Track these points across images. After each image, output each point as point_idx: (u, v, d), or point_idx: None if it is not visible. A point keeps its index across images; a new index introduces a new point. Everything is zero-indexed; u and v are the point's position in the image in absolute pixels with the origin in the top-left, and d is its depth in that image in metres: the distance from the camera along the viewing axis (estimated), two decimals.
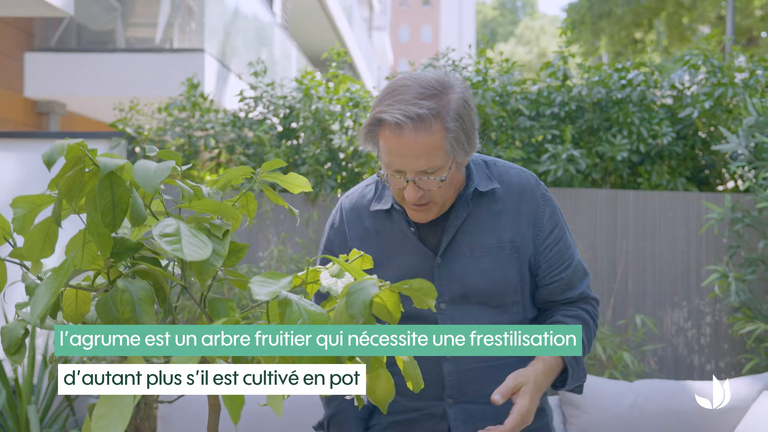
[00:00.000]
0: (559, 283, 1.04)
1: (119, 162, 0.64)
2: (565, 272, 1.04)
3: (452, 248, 1.01)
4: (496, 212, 1.02)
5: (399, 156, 0.93)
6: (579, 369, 1.02)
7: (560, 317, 1.04)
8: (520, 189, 1.03)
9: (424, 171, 0.93)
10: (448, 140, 0.93)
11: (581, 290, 1.06)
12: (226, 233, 0.70)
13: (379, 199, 1.05)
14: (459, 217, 1.00)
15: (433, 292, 0.67)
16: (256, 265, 2.59)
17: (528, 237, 1.02)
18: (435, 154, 0.92)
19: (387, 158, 0.95)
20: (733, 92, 2.54)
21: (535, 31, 27.44)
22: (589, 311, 1.06)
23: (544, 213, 1.03)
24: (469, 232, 1.01)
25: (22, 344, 0.68)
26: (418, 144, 0.91)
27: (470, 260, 1.00)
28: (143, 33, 4.95)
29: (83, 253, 0.67)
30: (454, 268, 1.01)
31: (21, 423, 2.19)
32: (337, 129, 2.67)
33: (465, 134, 0.94)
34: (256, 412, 1.83)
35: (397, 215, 1.03)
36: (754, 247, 2.44)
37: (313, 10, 8.49)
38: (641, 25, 9.81)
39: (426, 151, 0.92)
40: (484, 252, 1.01)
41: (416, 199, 0.95)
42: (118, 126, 2.76)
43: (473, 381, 1.01)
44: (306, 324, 0.62)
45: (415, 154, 0.92)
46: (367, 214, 1.05)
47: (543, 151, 2.61)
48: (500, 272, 1.00)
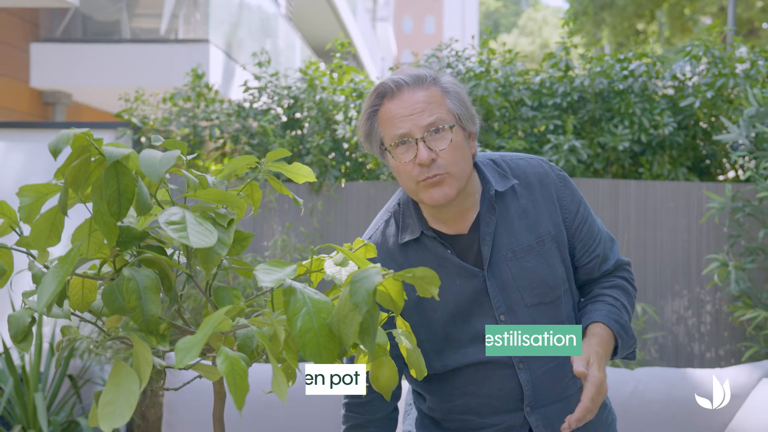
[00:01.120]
0: (596, 260, 1.04)
1: (125, 151, 0.64)
2: (599, 248, 1.04)
3: (495, 257, 0.98)
4: (522, 209, 1.00)
5: (402, 117, 0.93)
6: (628, 337, 1.01)
7: (599, 291, 1.03)
8: (537, 178, 1.02)
9: (430, 125, 0.93)
10: (448, 98, 0.95)
11: (615, 259, 1.05)
12: (231, 222, 0.70)
13: (405, 230, 1.00)
14: (489, 223, 0.99)
15: (436, 280, 0.66)
16: (261, 254, 2.61)
17: (559, 222, 1.02)
18: (437, 106, 0.94)
19: (391, 128, 0.94)
20: (734, 83, 2.53)
21: (537, 22, 27.22)
22: (626, 278, 1.06)
23: (565, 195, 1.02)
24: (505, 236, 0.99)
25: (29, 332, 0.68)
26: (418, 99, 0.93)
27: (516, 264, 0.99)
28: (148, 24, 4.94)
29: (89, 241, 0.67)
30: (503, 276, 0.99)
31: (28, 410, 2.22)
32: (341, 119, 2.67)
33: (465, 99, 0.96)
34: (261, 400, 1.86)
35: (430, 241, 0.99)
36: (754, 236, 2.45)
37: (317, 1, 8.44)
38: (643, 16, 9.74)
39: (428, 104, 0.93)
40: (526, 251, 0.99)
41: (429, 160, 0.92)
42: (123, 116, 2.77)
43: (547, 383, 1.01)
44: (311, 312, 0.62)
45: (418, 110, 0.93)
46: (398, 251, 1.00)
47: (545, 141, 2.61)
48: (546, 267, 1.00)
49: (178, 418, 1.98)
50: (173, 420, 1.98)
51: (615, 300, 1.02)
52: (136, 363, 0.64)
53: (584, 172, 2.66)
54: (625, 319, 1.01)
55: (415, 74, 0.95)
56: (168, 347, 0.67)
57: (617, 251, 1.07)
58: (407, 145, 0.94)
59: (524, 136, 2.69)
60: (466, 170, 0.97)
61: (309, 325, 0.62)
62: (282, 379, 0.64)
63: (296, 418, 1.98)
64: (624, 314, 1.02)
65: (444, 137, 0.93)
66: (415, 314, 0.99)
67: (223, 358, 0.60)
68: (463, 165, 0.96)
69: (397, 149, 0.95)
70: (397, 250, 1.01)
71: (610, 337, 0.99)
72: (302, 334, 0.62)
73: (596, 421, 1.03)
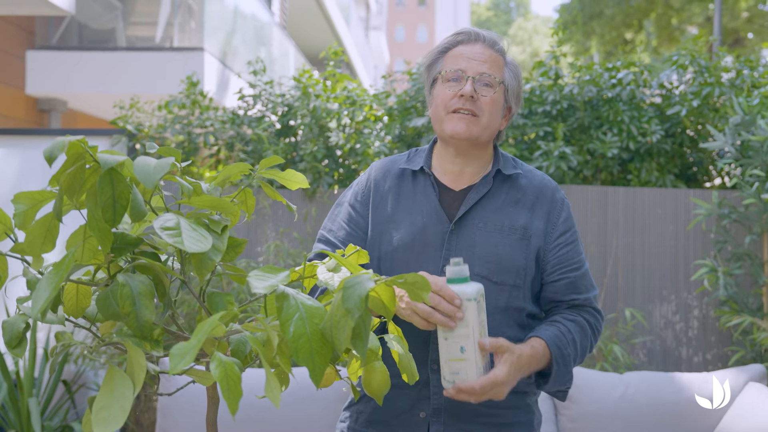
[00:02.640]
0: (565, 282, 1.05)
1: (119, 158, 0.64)
2: (573, 273, 1.05)
3: (467, 218, 1.04)
4: (514, 199, 1.06)
5: (467, 59, 1.05)
6: (565, 371, 1.01)
7: (559, 318, 1.04)
8: (541, 187, 1.08)
9: (485, 73, 1.04)
10: (507, 69, 1.07)
11: (587, 297, 1.06)
12: (225, 228, 0.70)
13: (410, 162, 1.10)
14: (479, 192, 1.06)
15: (428, 286, 0.67)
16: (255, 259, 2.62)
17: (540, 230, 1.05)
18: (497, 67, 1.06)
19: (453, 62, 1.05)
20: (720, 91, 2.57)
21: (528, 31, 27.49)
22: (590, 321, 1.05)
23: (560, 215, 1.07)
24: (486, 209, 1.05)
25: (23, 338, 0.67)
26: (487, 54, 1.06)
27: (482, 233, 1.04)
28: (144, 32, 4.96)
29: (84, 248, 0.67)
30: (465, 237, 1.04)
31: (22, 415, 2.21)
32: (335, 126, 2.69)
33: (516, 81, 1.08)
34: (254, 404, 1.86)
35: (424, 177, 1.08)
36: (740, 242, 2.48)
37: (311, 10, 8.48)
38: (631, 25, 9.88)
39: (491, 61, 1.05)
40: (496, 229, 1.04)
41: (470, 95, 1.02)
42: (118, 123, 2.77)
43: None
44: (303, 318, 0.62)
45: (481, 59, 1.05)
46: (394, 174, 1.10)
47: (535, 148, 2.64)
48: (507, 250, 1.03)
49: (172, 423, 1.97)
50: (167, 425, 1.98)
51: (568, 332, 1.02)
52: (130, 368, 0.64)
53: (574, 178, 2.69)
54: (569, 353, 1.01)
55: (493, 38, 1.08)
56: (162, 352, 0.67)
57: (594, 297, 1.07)
58: (458, 81, 1.05)
59: (515, 143, 2.72)
60: (491, 126, 1.06)
61: (302, 331, 0.62)
62: (275, 384, 0.64)
63: (290, 421, 1.98)
64: (570, 348, 1.01)
65: (490, 89, 1.05)
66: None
67: (216, 363, 0.60)
68: (492, 119, 1.06)
69: (449, 80, 1.05)
70: (394, 174, 1.10)
71: (544, 358, 0.99)
72: (295, 339, 0.62)
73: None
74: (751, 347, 2.40)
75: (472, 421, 1.01)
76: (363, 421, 1.06)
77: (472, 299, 0.91)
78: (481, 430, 1.02)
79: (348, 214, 1.09)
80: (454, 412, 1.01)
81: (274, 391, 0.63)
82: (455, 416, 1.01)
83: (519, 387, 1.03)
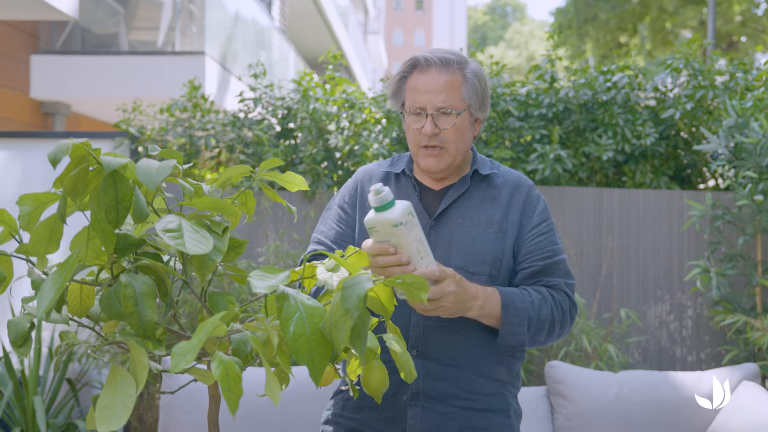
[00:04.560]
0: (535, 268, 1.08)
1: (122, 161, 0.65)
2: (544, 261, 1.09)
3: (446, 215, 1.11)
4: (491, 197, 1.12)
5: (422, 92, 1.08)
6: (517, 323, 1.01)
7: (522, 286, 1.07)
8: (517, 184, 1.14)
9: (442, 108, 1.07)
10: (465, 86, 1.09)
11: (557, 281, 1.08)
12: (226, 230, 0.71)
13: (393, 166, 1.17)
14: (458, 191, 1.12)
15: (425, 285, 0.69)
16: (255, 260, 2.63)
17: (515, 223, 1.11)
18: (453, 93, 1.08)
19: (411, 98, 1.09)
20: (714, 94, 2.59)
21: (524, 35, 27.54)
22: (554, 296, 1.07)
23: (535, 209, 1.12)
24: (463, 207, 1.11)
25: (28, 337, 0.68)
26: (442, 81, 1.08)
27: (459, 228, 1.10)
28: (146, 36, 4.97)
29: (87, 248, 0.68)
30: (443, 232, 1.10)
31: (27, 413, 2.23)
32: (334, 129, 2.71)
33: (480, 90, 1.10)
34: (255, 402, 1.87)
35: (405, 179, 1.15)
36: (733, 243, 2.50)
37: (311, 15, 8.50)
38: (626, 29, 9.92)
39: (446, 88, 1.07)
40: (473, 224, 1.10)
41: (432, 133, 1.07)
42: (121, 126, 2.79)
43: (436, 338, 1.06)
44: (303, 317, 0.63)
45: (436, 90, 1.07)
46: (378, 177, 1.16)
47: (531, 150, 2.66)
48: (483, 243, 1.09)
49: (174, 421, 1.98)
50: (169, 422, 1.99)
51: (527, 294, 1.05)
52: (133, 367, 0.65)
53: (569, 180, 2.71)
54: (523, 307, 1.03)
55: (445, 58, 1.09)
56: (164, 351, 0.68)
57: (568, 285, 1.09)
58: (420, 116, 1.09)
59: (511, 145, 2.74)
60: (462, 150, 1.11)
61: (301, 330, 0.63)
62: (275, 383, 0.65)
63: (290, 419, 1.99)
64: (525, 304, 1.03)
65: (450, 119, 1.08)
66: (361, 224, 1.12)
67: (217, 362, 0.61)
68: (460, 145, 1.10)
69: (412, 116, 1.10)
70: (379, 177, 1.17)
71: (493, 299, 1.01)
72: (295, 338, 0.63)
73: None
74: (745, 346, 2.42)
75: (449, 404, 1.06)
76: (351, 408, 1.10)
77: (399, 224, 0.89)
78: (459, 413, 1.06)
79: (338, 215, 1.15)
80: (432, 396, 1.06)
81: (274, 389, 0.64)
82: (433, 400, 1.05)
83: (495, 374, 1.07)
